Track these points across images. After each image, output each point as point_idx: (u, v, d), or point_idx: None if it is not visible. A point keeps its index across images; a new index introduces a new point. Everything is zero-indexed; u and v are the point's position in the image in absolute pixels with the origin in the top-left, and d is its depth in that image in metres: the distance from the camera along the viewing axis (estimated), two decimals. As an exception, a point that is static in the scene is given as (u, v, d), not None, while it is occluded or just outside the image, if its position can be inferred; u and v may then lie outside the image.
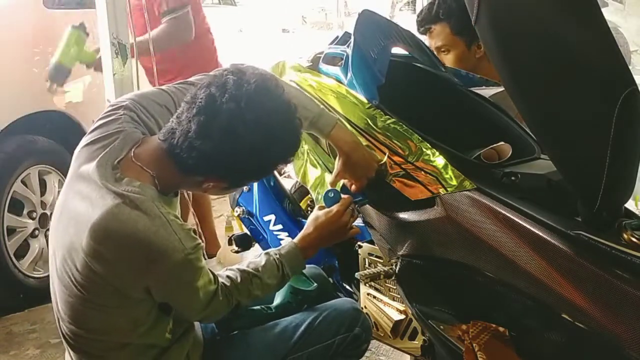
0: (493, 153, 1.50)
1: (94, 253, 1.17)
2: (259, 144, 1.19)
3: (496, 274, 1.31)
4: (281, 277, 1.41)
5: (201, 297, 1.27)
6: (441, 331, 1.44)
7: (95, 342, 1.30)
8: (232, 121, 1.16)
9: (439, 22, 2.08)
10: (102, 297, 1.23)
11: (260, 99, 1.18)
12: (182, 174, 1.24)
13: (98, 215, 1.17)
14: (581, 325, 1.16)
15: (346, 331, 1.49)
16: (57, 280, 1.29)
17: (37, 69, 2.69)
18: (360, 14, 1.75)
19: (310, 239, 1.46)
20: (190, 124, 1.17)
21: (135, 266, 1.19)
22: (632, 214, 1.24)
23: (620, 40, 6.06)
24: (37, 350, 2.39)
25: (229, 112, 1.16)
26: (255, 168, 1.28)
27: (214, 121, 1.16)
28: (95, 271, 1.19)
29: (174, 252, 1.17)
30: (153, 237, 1.16)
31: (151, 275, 1.20)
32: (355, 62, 1.64)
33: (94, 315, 1.26)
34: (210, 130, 1.16)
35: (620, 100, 1.02)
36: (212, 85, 1.19)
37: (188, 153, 1.19)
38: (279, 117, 1.22)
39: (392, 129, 1.51)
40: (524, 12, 1.08)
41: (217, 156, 1.19)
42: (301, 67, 1.87)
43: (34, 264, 2.75)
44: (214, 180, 1.26)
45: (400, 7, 8.89)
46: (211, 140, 1.17)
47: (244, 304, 1.39)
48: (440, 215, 1.40)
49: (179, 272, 1.21)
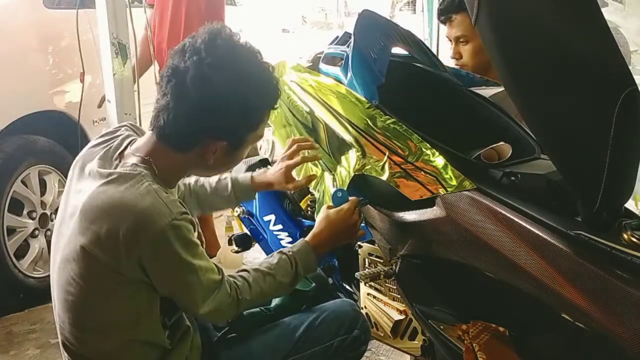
0: (493, 153, 1.50)
1: (87, 233, 1.19)
2: (233, 81, 1.20)
3: (496, 274, 1.31)
4: (294, 275, 1.40)
5: (203, 282, 1.24)
6: (441, 331, 1.44)
7: (95, 344, 1.29)
8: (199, 71, 1.18)
9: (461, 12, 2.05)
10: (101, 284, 1.22)
11: (216, 43, 1.21)
12: (180, 153, 1.26)
13: (90, 194, 1.20)
14: (581, 325, 1.16)
15: (345, 333, 1.49)
16: (57, 284, 1.29)
17: (37, 69, 2.69)
18: (360, 14, 1.75)
19: (322, 237, 1.45)
20: (166, 97, 1.21)
21: (125, 237, 1.16)
22: (632, 214, 1.24)
23: (620, 40, 6.05)
24: (37, 350, 2.39)
25: (193, 64, 1.18)
26: (243, 110, 1.25)
27: (185, 79, 1.19)
28: (92, 253, 1.19)
29: (160, 217, 1.17)
30: (140, 204, 1.17)
31: (142, 246, 1.18)
32: (355, 62, 1.64)
33: (94, 311, 1.26)
34: (183, 89, 1.19)
35: (620, 100, 1.02)
36: (172, 56, 1.24)
37: (175, 125, 1.21)
38: (241, 52, 1.24)
39: (392, 129, 1.51)
40: (524, 12, 1.08)
41: (201, 112, 1.20)
42: (301, 67, 1.88)
43: (34, 264, 2.75)
44: (213, 144, 1.26)
45: (400, 7, 8.87)
46: (189, 98, 1.19)
47: (256, 302, 1.37)
48: (440, 215, 1.40)
49: (168, 239, 1.18)
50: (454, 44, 2.14)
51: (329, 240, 1.46)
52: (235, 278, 1.34)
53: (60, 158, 2.85)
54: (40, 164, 2.76)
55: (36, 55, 2.73)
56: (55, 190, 2.83)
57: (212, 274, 1.28)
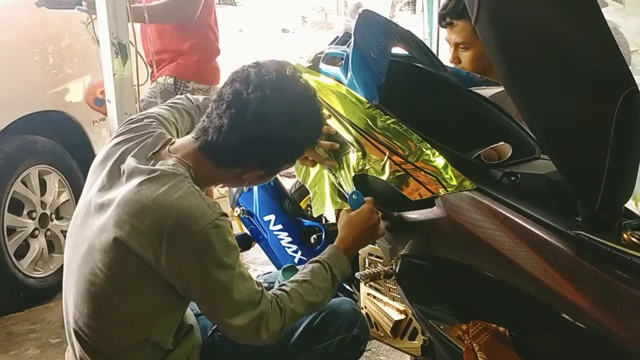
0: (493, 153, 1.50)
1: (125, 226, 1.19)
2: (289, 124, 1.27)
3: (496, 274, 1.31)
4: (331, 279, 1.39)
5: (241, 290, 1.23)
6: (441, 331, 1.44)
7: (110, 339, 1.28)
8: (261, 108, 1.24)
9: (463, 19, 2.03)
10: (131, 278, 1.22)
11: (282, 84, 1.27)
12: (219, 168, 1.30)
13: (130, 189, 1.21)
14: (581, 325, 1.16)
15: (345, 332, 1.48)
16: (78, 273, 1.27)
17: (37, 69, 2.69)
18: (360, 14, 1.75)
19: (349, 240, 1.47)
20: (222, 119, 1.25)
21: (170, 233, 1.18)
22: (632, 214, 1.24)
23: (620, 40, 6.05)
24: (37, 350, 2.39)
25: (256, 100, 1.24)
26: (290, 149, 1.35)
27: (245, 111, 1.24)
28: (128, 247, 1.19)
29: (203, 216, 1.19)
30: (184, 203, 1.19)
31: (184, 244, 1.18)
32: (355, 62, 1.64)
33: (117, 304, 1.25)
34: (242, 120, 1.24)
35: (620, 100, 1.02)
36: (236, 81, 1.27)
37: (224, 146, 1.26)
38: (302, 97, 1.32)
39: (392, 129, 1.51)
40: (524, 12, 1.08)
41: (252, 144, 1.26)
42: (301, 67, 1.87)
43: (34, 264, 2.75)
44: (252, 170, 1.33)
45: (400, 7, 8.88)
46: (245, 130, 1.25)
47: (300, 312, 1.34)
48: (441, 215, 1.40)
49: (210, 238, 1.19)
50: (454, 48, 2.13)
51: (356, 242, 1.48)
52: (273, 291, 1.33)
53: (60, 158, 2.85)
54: (40, 164, 2.76)
55: (36, 56, 2.73)
56: (55, 190, 2.83)
57: (251, 283, 1.26)
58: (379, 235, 1.54)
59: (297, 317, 1.34)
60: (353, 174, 1.61)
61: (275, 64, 1.30)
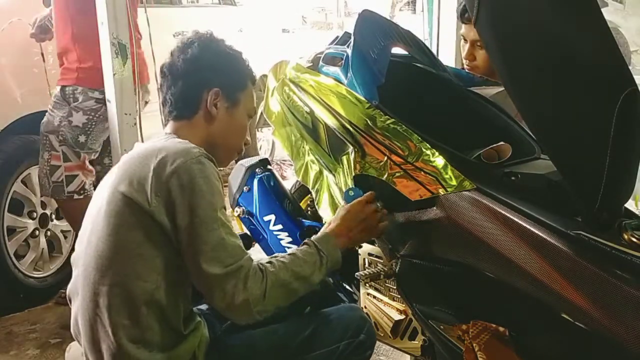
0: (493, 153, 1.50)
1: (124, 180, 1.27)
2: (214, 53, 1.46)
3: (496, 273, 1.31)
4: (319, 257, 1.35)
5: (225, 239, 1.23)
6: (441, 331, 1.44)
7: (133, 288, 1.26)
8: (188, 54, 1.44)
9: None
10: (135, 231, 1.25)
11: (199, 37, 1.48)
12: (193, 118, 1.43)
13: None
14: (581, 325, 1.16)
15: (351, 337, 1.48)
16: (91, 237, 1.31)
17: (37, 69, 2.69)
18: (360, 14, 1.75)
19: (337, 225, 1.44)
20: (167, 83, 1.45)
21: (154, 171, 1.25)
22: (632, 214, 1.24)
23: (620, 40, 6.06)
24: (37, 350, 2.39)
25: (184, 54, 1.44)
26: (225, 68, 1.47)
27: (178, 65, 1.44)
28: (129, 198, 1.25)
29: (188, 153, 1.27)
30: (172, 146, 1.31)
31: (167, 177, 1.24)
32: (355, 62, 1.64)
33: (133, 240, 1.26)
34: (177, 70, 1.44)
35: (620, 100, 1.02)
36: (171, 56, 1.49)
37: (176, 96, 1.43)
38: (222, 41, 1.51)
39: (391, 129, 1.51)
40: (524, 12, 1.08)
41: (190, 74, 1.43)
42: (301, 67, 1.88)
43: (34, 264, 2.75)
44: (210, 94, 1.42)
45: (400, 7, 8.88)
46: (180, 69, 1.43)
47: (284, 280, 1.29)
48: (440, 215, 1.40)
49: (192, 171, 1.25)
50: (469, 45, 2.11)
51: (346, 229, 1.43)
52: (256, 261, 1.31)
53: (60, 158, 2.84)
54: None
55: (36, 56, 2.72)
56: (55, 190, 2.83)
57: (237, 240, 1.27)
58: (378, 229, 1.48)
59: (281, 285, 1.28)
60: (353, 174, 1.61)
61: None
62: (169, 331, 1.30)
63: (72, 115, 2.48)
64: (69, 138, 2.49)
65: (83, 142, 2.51)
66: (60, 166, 2.51)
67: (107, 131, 2.50)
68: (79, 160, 2.54)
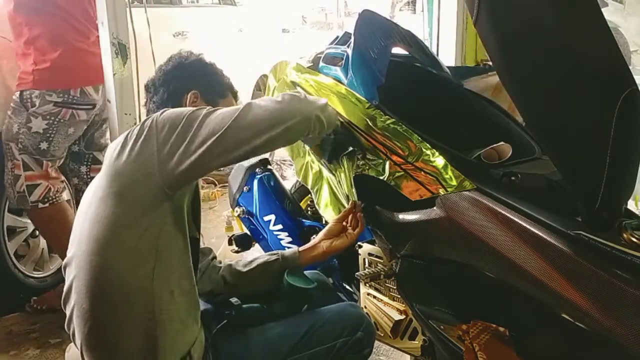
0: (493, 153, 1.50)
1: (120, 154, 1.29)
2: (191, 63, 1.61)
3: (496, 274, 1.31)
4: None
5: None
6: (441, 331, 1.44)
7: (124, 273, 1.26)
8: (168, 65, 1.60)
9: None
10: (130, 200, 1.25)
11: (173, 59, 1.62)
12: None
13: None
14: (581, 325, 1.16)
15: (348, 334, 1.48)
16: (86, 219, 1.29)
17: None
18: (360, 14, 1.75)
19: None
20: (151, 98, 1.57)
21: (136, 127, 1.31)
22: (632, 214, 1.23)
23: (620, 40, 6.05)
24: (37, 350, 2.39)
25: (165, 65, 1.60)
26: (201, 74, 1.60)
27: (159, 75, 1.59)
28: (120, 170, 1.26)
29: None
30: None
31: (148, 121, 1.30)
32: (355, 62, 1.64)
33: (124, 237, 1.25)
34: (156, 84, 1.58)
35: (620, 100, 1.02)
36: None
37: (158, 102, 1.56)
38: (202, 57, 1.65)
39: (391, 129, 1.51)
40: (524, 12, 1.08)
41: (170, 81, 1.56)
42: (301, 67, 1.88)
43: (34, 264, 2.75)
44: (189, 95, 1.54)
45: (400, 7, 8.89)
46: (161, 81, 1.57)
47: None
48: (441, 215, 1.40)
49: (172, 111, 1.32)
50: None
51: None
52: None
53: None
54: (40, 164, 2.75)
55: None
56: (55, 190, 2.83)
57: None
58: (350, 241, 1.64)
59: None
60: (353, 174, 1.61)
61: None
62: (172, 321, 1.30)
63: (30, 121, 2.35)
64: (29, 145, 2.37)
65: (45, 150, 2.39)
66: (21, 175, 2.40)
67: (71, 137, 2.44)
68: (41, 170, 2.41)
